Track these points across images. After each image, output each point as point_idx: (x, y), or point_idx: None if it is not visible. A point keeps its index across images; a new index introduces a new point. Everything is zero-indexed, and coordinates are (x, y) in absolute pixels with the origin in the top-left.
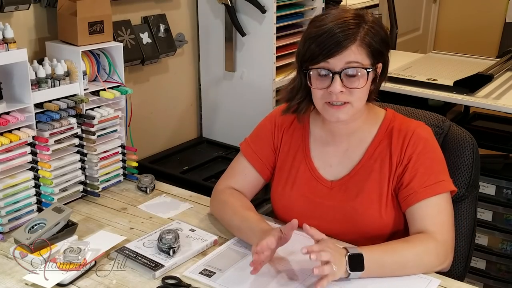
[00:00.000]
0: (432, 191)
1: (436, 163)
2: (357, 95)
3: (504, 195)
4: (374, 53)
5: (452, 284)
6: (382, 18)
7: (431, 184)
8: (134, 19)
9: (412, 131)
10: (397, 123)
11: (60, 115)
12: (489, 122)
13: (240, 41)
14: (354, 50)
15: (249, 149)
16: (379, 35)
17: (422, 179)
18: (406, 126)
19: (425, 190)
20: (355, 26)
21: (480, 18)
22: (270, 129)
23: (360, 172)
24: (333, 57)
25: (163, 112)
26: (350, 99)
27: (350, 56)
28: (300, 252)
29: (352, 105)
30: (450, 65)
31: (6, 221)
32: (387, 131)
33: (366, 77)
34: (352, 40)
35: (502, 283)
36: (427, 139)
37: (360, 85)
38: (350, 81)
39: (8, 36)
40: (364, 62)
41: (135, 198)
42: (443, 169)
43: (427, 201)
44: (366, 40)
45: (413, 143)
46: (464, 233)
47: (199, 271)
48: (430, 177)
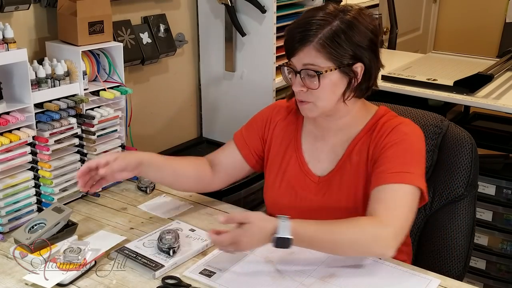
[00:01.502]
0: (395, 178)
1: (409, 156)
2: (316, 95)
3: (504, 195)
4: (338, 56)
5: (452, 284)
6: (382, 18)
7: (397, 171)
8: (134, 19)
9: (394, 126)
10: (384, 119)
11: (60, 115)
12: (489, 122)
13: (240, 41)
14: (309, 53)
15: (240, 135)
16: (350, 39)
17: (390, 165)
18: (391, 121)
19: (389, 176)
20: (318, 27)
21: (480, 18)
22: (263, 120)
23: (342, 166)
24: (293, 56)
25: (163, 112)
26: (311, 98)
27: (306, 57)
28: (295, 252)
29: (315, 104)
30: (450, 65)
31: (6, 221)
32: (372, 127)
33: (319, 80)
34: (307, 42)
35: (502, 283)
36: (407, 133)
37: (315, 87)
38: (309, 81)
39: (8, 36)
40: (321, 65)
41: (135, 198)
42: (415, 163)
43: (387, 186)
44: (326, 44)
45: (391, 135)
46: (463, 233)
47: (199, 271)
48: (397, 166)
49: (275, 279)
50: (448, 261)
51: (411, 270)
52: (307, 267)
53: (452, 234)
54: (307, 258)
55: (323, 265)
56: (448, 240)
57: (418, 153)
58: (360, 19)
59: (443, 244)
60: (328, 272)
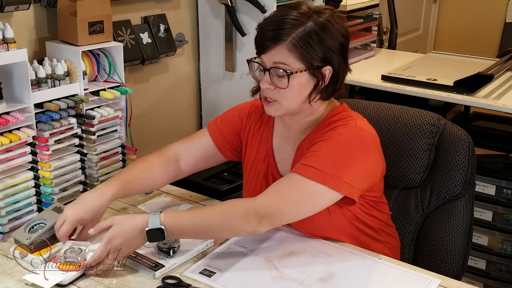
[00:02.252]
0: (300, 169)
1: (332, 155)
2: (283, 94)
3: (504, 195)
4: (308, 58)
5: (452, 284)
6: (382, 18)
7: (306, 164)
8: (134, 19)
9: (338, 122)
10: (338, 116)
11: (60, 115)
12: (489, 122)
13: (240, 41)
14: (281, 51)
15: (214, 126)
16: (322, 41)
17: (305, 158)
18: (341, 120)
19: (297, 166)
20: (291, 26)
21: (480, 18)
22: (240, 116)
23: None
24: (264, 53)
25: (163, 112)
26: (277, 97)
27: (277, 56)
28: (295, 252)
29: (280, 103)
30: (450, 65)
31: (6, 221)
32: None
33: (288, 80)
34: (280, 40)
35: (502, 283)
36: (342, 134)
37: (284, 86)
38: (277, 80)
39: (8, 36)
40: (292, 65)
41: (135, 198)
42: (334, 164)
43: (290, 174)
44: (298, 44)
45: (328, 130)
46: (461, 232)
47: (199, 271)
48: (310, 159)
49: (275, 279)
50: (446, 260)
51: (411, 270)
52: (307, 267)
53: (450, 233)
54: (307, 258)
55: (323, 265)
56: (446, 239)
57: (345, 154)
58: (333, 22)
59: (441, 243)
60: (328, 272)
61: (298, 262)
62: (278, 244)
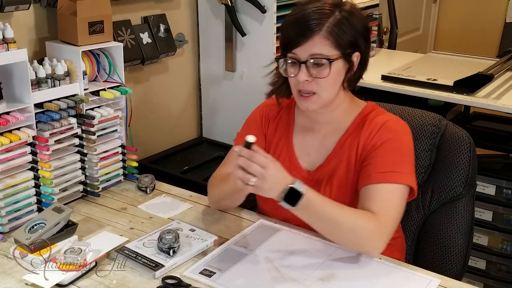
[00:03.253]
0: (386, 178)
1: (399, 155)
2: (323, 85)
3: (504, 195)
4: (343, 44)
5: (452, 284)
6: (382, 18)
7: (387, 171)
8: (134, 19)
9: (383, 122)
10: (372, 115)
11: (60, 115)
12: (489, 122)
13: (240, 41)
14: (318, 41)
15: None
16: (353, 26)
17: (379, 165)
18: (380, 118)
19: (379, 175)
20: (323, 15)
21: (480, 18)
22: (258, 119)
23: (331, 162)
24: (298, 47)
25: (163, 112)
26: (316, 88)
27: (314, 47)
28: (295, 252)
29: (319, 95)
30: (450, 65)
31: (6, 221)
32: (361, 122)
33: (329, 68)
34: (316, 31)
35: (502, 283)
36: (397, 131)
37: (324, 75)
38: (316, 71)
39: (8, 36)
40: (329, 53)
41: (135, 198)
42: (405, 163)
43: (379, 185)
44: (334, 31)
45: (381, 133)
46: (462, 232)
47: (199, 271)
48: (387, 165)
49: (275, 279)
50: (447, 260)
51: (411, 270)
52: (307, 267)
53: (451, 234)
54: (307, 258)
55: (323, 265)
56: (447, 239)
57: (408, 151)
58: (355, 9)
59: (442, 243)
60: (328, 272)
61: (298, 262)
62: (278, 244)
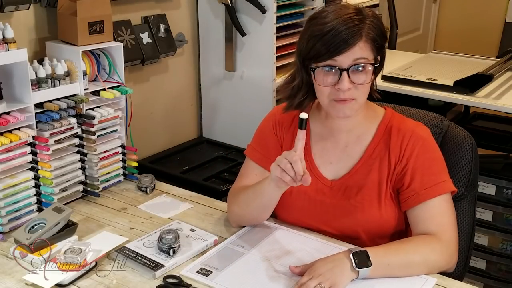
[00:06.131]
0: (433, 192)
1: (436, 163)
2: (361, 90)
3: (504, 195)
4: (377, 47)
5: (452, 283)
6: (382, 18)
7: (432, 185)
8: (134, 19)
9: (411, 130)
10: (395, 122)
11: (60, 115)
12: (489, 122)
13: (240, 41)
14: (361, 47)
15: (256, 153)
16: (379, 29)
17: (422, 180)
18: (404, 125)
19: (426, 192)
20: (359, 22)
21: (480, 18)
22: (272, 128)
23: (360, 171)
24: (340, 54)
25: (163, 112)
26: (356, 94)
27: (357, 52)
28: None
29: (357, 101)
30: (450, 65)
31: (6, 221)
32: (386, 130)
33: (372, 72)
34: (358, 36)
35: (502, 283)
36: (426, 138)
37: (367, 81)
38: (357, 77)
39: (8, 36)
40: (369, 57)
41: (135, 198)
42: (442, 169)
43: (429, 202)
44: (371, 35)
45: (412, 142)
46: (464, 233)
47: (196, 270)
48: (430, 178)
49: (272, 278)
50: None
51: None
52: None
53: None
54: (304, 257)
55: None
56: None
57: (439, 155)
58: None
59: None
60: None
61: (295, 261)
62: (275, 243)
